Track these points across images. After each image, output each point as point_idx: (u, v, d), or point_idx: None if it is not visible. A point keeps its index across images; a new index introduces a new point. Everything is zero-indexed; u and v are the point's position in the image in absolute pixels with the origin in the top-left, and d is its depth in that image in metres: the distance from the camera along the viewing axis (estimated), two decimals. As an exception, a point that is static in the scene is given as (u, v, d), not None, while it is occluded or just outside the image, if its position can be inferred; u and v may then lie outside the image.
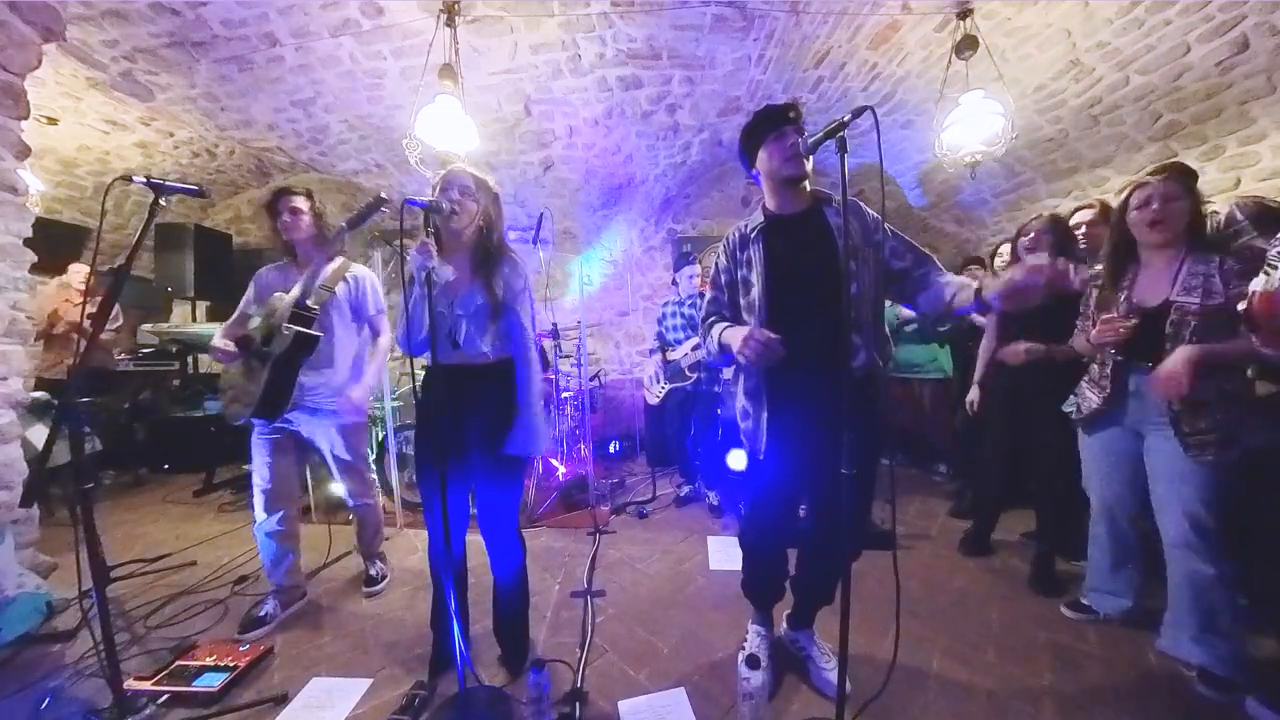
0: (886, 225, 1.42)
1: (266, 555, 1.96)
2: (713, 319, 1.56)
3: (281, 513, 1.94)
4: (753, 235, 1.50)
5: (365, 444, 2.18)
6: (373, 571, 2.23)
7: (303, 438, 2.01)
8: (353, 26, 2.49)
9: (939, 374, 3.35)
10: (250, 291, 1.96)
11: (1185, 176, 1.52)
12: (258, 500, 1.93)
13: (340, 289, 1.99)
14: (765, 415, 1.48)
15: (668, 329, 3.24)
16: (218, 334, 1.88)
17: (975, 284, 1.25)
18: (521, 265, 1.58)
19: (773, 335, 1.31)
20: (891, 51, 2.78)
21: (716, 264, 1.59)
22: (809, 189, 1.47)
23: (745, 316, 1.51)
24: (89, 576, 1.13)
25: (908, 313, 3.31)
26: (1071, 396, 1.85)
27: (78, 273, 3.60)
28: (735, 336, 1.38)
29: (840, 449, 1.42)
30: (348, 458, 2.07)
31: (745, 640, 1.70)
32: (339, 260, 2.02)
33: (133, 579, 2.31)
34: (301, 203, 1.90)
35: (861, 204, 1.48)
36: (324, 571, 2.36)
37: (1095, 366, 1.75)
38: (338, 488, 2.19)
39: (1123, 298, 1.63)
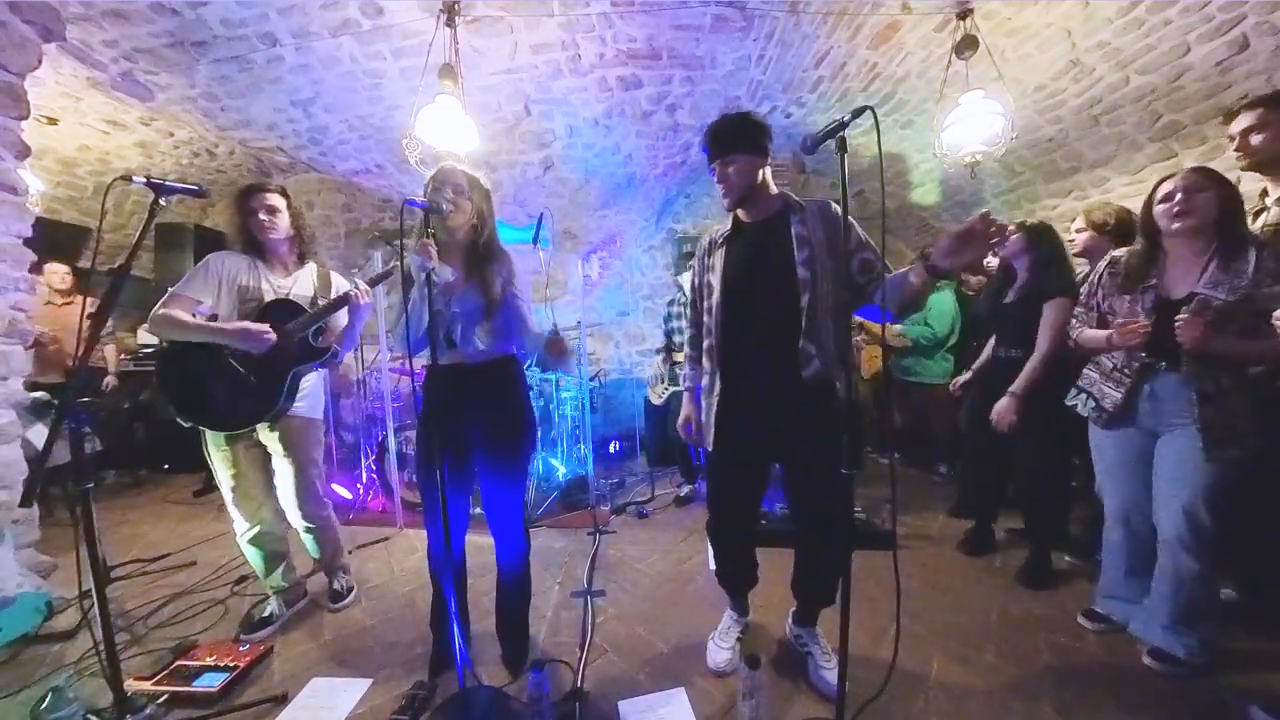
0: (859, 232, 1.42)
1: (257, 562, 1.93)
2: (689, 360, 1.72)
3: (262, 518, 1.87)
4: (719, 241, 1.54)
5: (318, 447, 1.97)
6: (337, 585, 2.08)
7: (262, 445, 1.88)
8: (353, 26, 2.49)
9: (939, 379, 3.39)
10: (203, 278, 1.73)
11: (1211, 173, 1.50)
12: (233, 511, 1.84)
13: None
14: (714, 415, 1.54)
15: (675, 329, 3.24)
16: (182, 314, 1.66)
17: (920, 261, 1.27)
18: (509, 257, 1.60)
19: (694, 437, 1.66)
20: (891, 51, 2.77)
21: (693, 265, 1.66)
22: (774, 193, 1.48)
23: (706, 319, 1.56)
24: (89, 576, 1.13)
25: (896, 329, 3.39)
26: (1074, 390, 1.81)
27: (55, 272, 3.44)
28: (685, 407, 1.71)
29: (791, 451, 1.49)
30: (308, 470, 1.89)
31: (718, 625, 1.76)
32: (316, 268, 1.97)
33: (133, 579, 2.32)
34: (279, 201, 1.82)
35: (834, 207, 1.43)
36: (323, 572, 2.36)
37: (1105, 358, 1.71)
38: (291, 509, 1.91)
39: (1150, 292, 1.57)
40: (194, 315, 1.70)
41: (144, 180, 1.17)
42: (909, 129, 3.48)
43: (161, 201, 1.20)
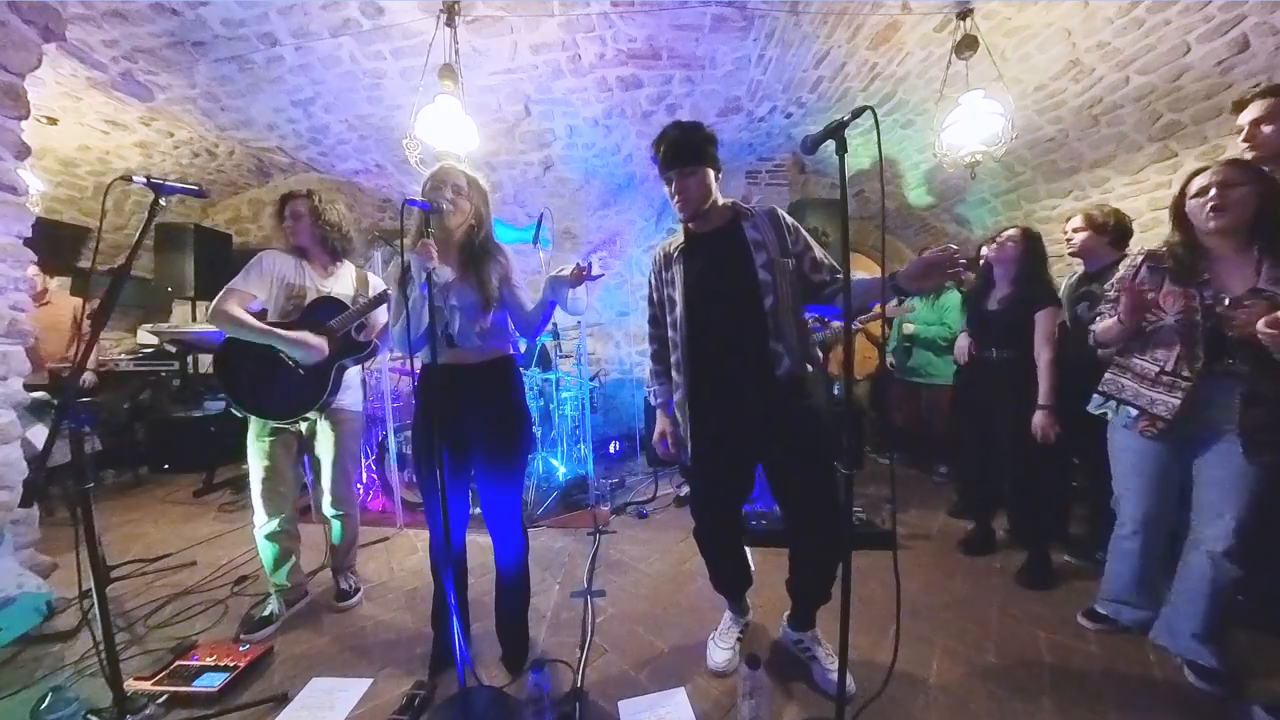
0: (804, 234, 1.50)
1: (268, 558, 1.94)
2: (655, 375, 1.68)
3: (283, 514, 1.92)
4: (675, 255, 1.55)
5: (356, 439, 2.10)
6: (344, 585, 2.12)
7: (303, 437, 2.00)
8: (353, 26, 2.49)
9: (948, 380, 3.40)
10: (259, 274, 1.84)
11: (1247, 165, 1.43)
12: (257, 502, 1.89)
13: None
14: (690, 426, 1.55)
15: None
16: (241, 312, 1.75)
17: (887, 276, 1.31)
18: (504, 253, 1.61)
19: (672, 450, 1.62)
20: (891, 51, 2.77)
21: (650, 281, 1.66)
22: (724, 204, 1.52)
23: (671, 333, 1.57)
24: (89, 576, 1.13)
25: (908, 328, 3.41)
26: (1098, 397, 1.73)
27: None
28: (660, 422, 1.65)
29: (770, 449, 1.51)
30: (344, 460, 2.01)
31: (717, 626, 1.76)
32: (354, 269, 2.07)
33: (133, 579, 2.31)
34: (301, 205, 1.92)
35: (780, 213, 1.51)
36: (324, 572, 2.35)
37: (1142, 362, 1.59)
38: (323, 494, 2.04)
39: (1207, 287, 1.46)
40: (248, 310, 1.81)
41: (144, 180, 1.17)
42: (909, 129, 3.49)
43: (161, 201, 1.20)
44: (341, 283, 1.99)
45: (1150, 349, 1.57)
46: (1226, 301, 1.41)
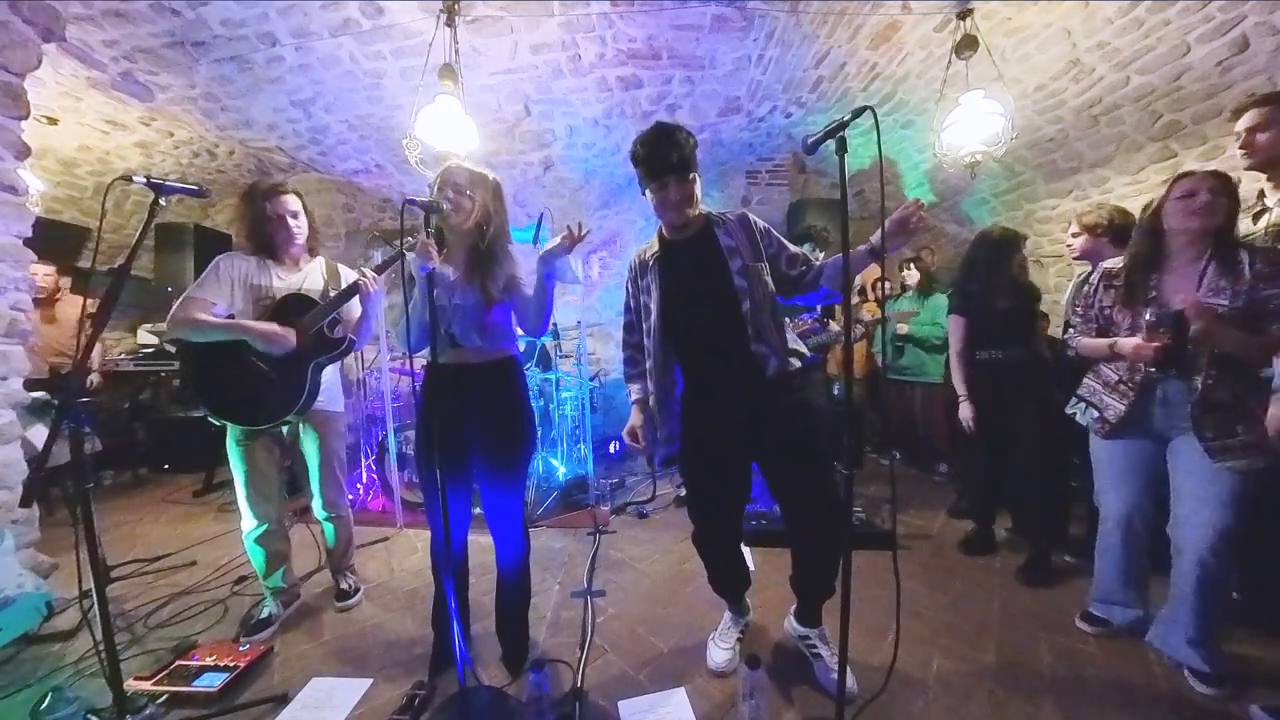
0: (777, 235, 1.52)
1: (259, 562, 1.92)
2: (630, 378, 1.69)
3: (270, 518, 1.88)
4: (650, 263, 1.55)
5: (339, 439, 2.03)
6: (344, 586, 2.10)
7: (284, 441, 1.96)
8: (353, 26, 2.49)
9: (938, 379, 3.40)
10: (215, 280, 1.73)
11: (1228, 179, 1.49)
12: (244, 507, 1.85)
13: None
14: (678, 431, 1.57)
15: None
16: (202, 314, 1.67)
17: (864, 245, 1.31)
18: (514, 259, 1.59)
19: (638, 443, 1.62)
20: (891, 51, 2.77)
21: (626, 289, 1.66)
22: (698, 211, 1.51)
23: (646, 340, 1.58)
24: (89, 576, 1.13)
25: (902, 329, 3.42)
26: (1074, 400, 1.79)
27: (33, 273, 3.36)
28: (633, 417, 1.64)
29: (763, 448, 1.51)
30: (330, 462, 1.97)
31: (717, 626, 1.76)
32: (323, 260, 1.98)
33: (133, 579, 2.32)
34: (296, 204, 1.84)
35: (751, 218, 1.52)
36: (324, 572, 2.35)
37: (1108, 369, 1.68)
38: (314, 498, 2.01)
39: (1149, 306, 1.53)
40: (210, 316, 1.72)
41: (144, 180, 1.17)
42: (909, 129, 3.49)
43: (161, 201, 1.20)
44: (311, 278, 1.91)
45: (1115, 357, 1.64)
46: (1125, 323, 1.58)
